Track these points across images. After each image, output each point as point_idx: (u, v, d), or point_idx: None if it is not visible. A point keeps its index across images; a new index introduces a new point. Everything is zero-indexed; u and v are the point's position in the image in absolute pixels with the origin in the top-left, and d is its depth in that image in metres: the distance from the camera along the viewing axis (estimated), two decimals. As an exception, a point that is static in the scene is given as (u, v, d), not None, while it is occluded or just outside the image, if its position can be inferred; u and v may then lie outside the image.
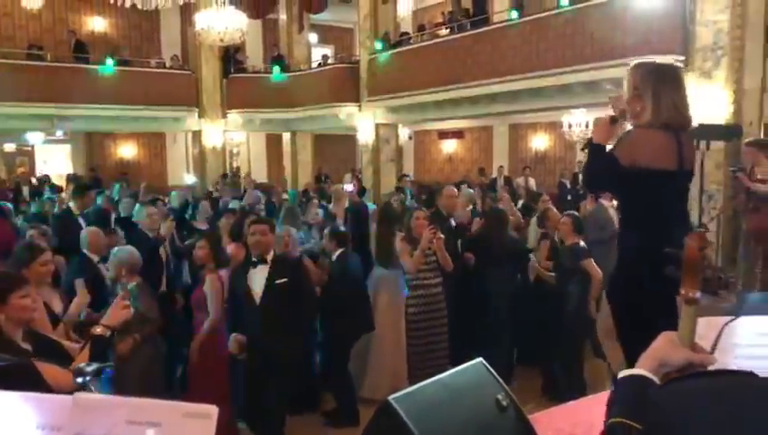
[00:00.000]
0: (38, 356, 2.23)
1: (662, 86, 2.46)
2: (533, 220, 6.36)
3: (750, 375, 0.94)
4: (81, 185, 7.93)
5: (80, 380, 2.02)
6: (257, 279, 3.82)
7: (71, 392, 1.14)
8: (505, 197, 8.06)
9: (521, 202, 10.37)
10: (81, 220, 6.17)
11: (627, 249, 2.58)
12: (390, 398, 1.54)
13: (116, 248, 4.15)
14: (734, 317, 1.27)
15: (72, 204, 6.59)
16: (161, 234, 5.54)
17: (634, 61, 2.75)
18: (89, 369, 2.03)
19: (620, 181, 2.50)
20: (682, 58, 8.22)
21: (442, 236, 4.66)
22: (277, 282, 3.77)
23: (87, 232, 4.65)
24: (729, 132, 7.34)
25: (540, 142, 15.80)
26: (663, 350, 1.13)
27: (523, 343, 5.32)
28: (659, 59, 8.19)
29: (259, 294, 3.78)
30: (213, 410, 0.85)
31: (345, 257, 4.67)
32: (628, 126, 2.59)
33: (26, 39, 15.20)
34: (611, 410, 1.03)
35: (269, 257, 3.87)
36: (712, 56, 7.86)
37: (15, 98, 12.53)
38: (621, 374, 1.14)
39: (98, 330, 2.44)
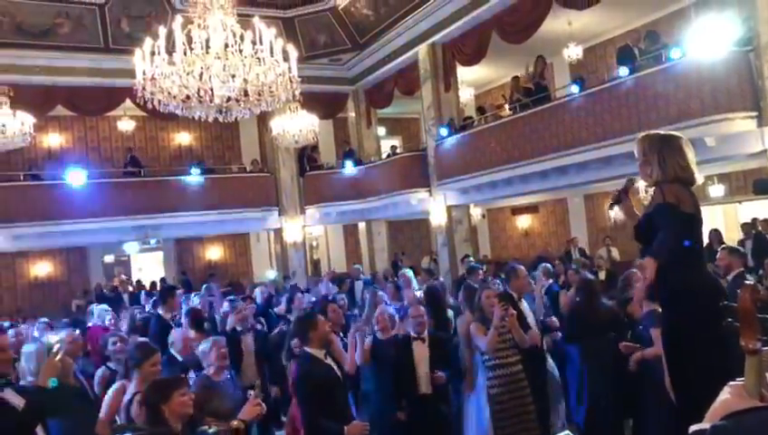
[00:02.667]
0: None
1: (667, 150, 2.90)
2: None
3: None
4: (165, 289, 8.38)
5: None
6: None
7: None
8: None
9: (602, 272, 10.18)
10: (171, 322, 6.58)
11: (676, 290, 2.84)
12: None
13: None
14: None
15: (159, 309, 7.02)
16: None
17: (642, 133, 3.16)
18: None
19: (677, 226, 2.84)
20: (755, 114, 8.08)
21: (514, 312, 4.64)
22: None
23: (174, 333, 5.00)
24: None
25: (618, 213, 15.43)
26: (731, 402, 1.16)
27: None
28: (729, 117, 8.12)
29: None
30: None
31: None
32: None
33: (122, 158, 16.70)
34: None
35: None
36: (786, 109, 7.70)
37: (115, 213, 13.64)
38: (693, 429, 1.18)
39: (234, 423, 2.95)
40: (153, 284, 15.14)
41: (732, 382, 1.23)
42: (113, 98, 13.79)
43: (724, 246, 7.25)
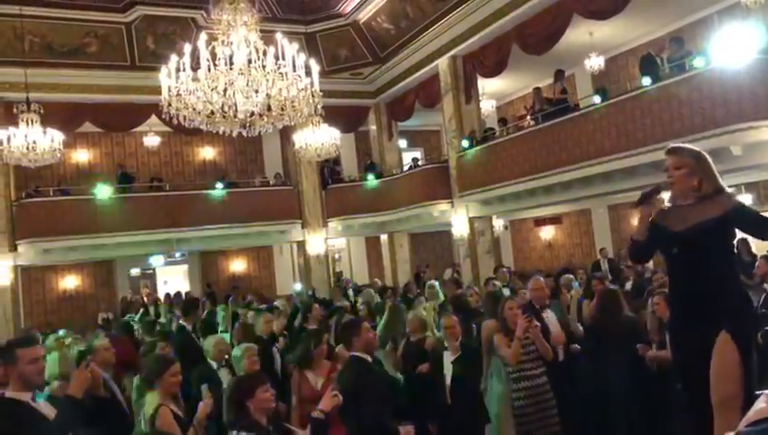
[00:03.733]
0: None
1: (710, 164, 3.09)
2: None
3: None
4: (188, 301, 8.46)
5: None
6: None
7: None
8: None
9: (629, 283, 10.03)
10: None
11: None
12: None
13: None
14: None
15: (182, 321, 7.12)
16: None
17: (672, 144, 3.32)
18: None
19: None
20: (781, 122, 7.96)
21: (538, 323, 4.62)
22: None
23: (209, 342, 5.07)
24: None
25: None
26: (766, 410, 1.15)
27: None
28: (755, 125, 8.01)
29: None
30: None
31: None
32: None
33: (148, 173, 16.98)
34: None
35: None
36: (814, 115, 7.57)
37: (141, 226, 13.87)
38: (727, 436, 1.16)
39: (315, 413, 3.24)
40: (178, 294, 15.29)
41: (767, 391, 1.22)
42: (139, 114, 14.04)
43: (763, 254, 7.15)
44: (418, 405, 4.76)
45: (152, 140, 16.40)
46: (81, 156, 16.86)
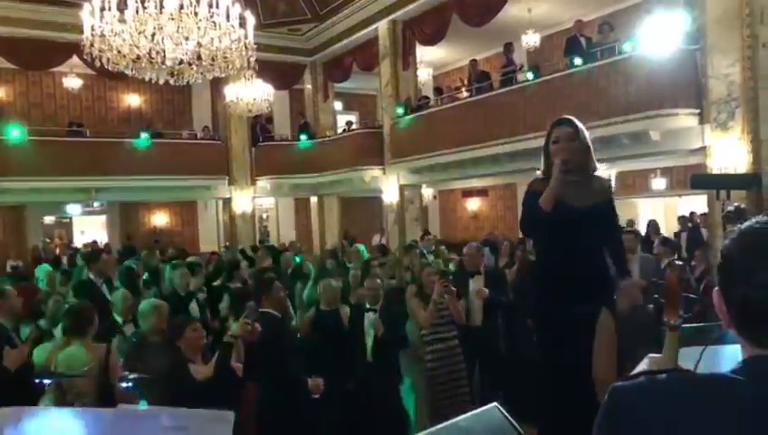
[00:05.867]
0: None
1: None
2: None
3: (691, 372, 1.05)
4: (93, 251, 8.17)
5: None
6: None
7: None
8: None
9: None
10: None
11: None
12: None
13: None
14: (714, 343, 1.39)
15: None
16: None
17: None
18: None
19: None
20: (697, 111, 8.38)
21: (453, 289, 4.74)
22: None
23: (116, 296, 4.95)
24: (748, 181, 7.41)
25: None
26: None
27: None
28: (674, 112, 8.40)
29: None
30: (230, 415, 0.99)
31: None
32: None
33: (67, 117, 16.07)
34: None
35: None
36: (726, 108, 8.00)
37: (57, 172, 13.17)
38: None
39: (226, 338, 3.58)
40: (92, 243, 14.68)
41: (651, 355, 1.31)
42: (59, 53, 13.21)
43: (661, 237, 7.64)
44: (335, 363, 4.81)
45: (73, 82, 15.48)
46: (-8, 93, 15.75)
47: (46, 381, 2.87)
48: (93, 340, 3.61)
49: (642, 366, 1.26)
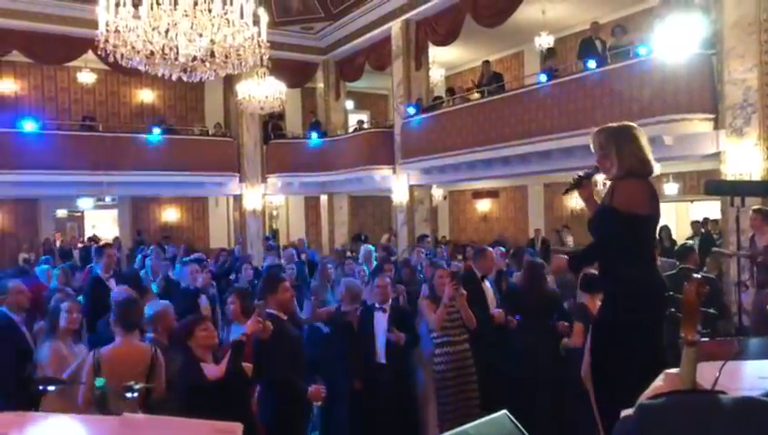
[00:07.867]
0: None
1: (622, 141, 2.88)
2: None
3: (719, 394, 1.03)
4: (100, 246, 8.12)
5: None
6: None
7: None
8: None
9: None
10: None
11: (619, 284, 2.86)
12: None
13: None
14: (734, 358, 1.36)
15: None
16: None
17: (595, 127, 3.14)
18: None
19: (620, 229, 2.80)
20: (712, 116, 8.30)
21: (464, 292, 4.69)
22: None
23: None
24: (764, 188, 7.31)
25: (576, 200, 15.79)
26: (662, 388, 1.21)
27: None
28: (688, 117, 8.32)
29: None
30: (238, 427, 0.97)
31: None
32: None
33: (81, 111, 16.16)
34: None
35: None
36: (742, 114, 7.91)
37: (70, 166, 13.26)
38: (624, 414, 1.22)
39: (239, 337, 3.54)
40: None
41: (667, 371, 1.28)
42: (74, 47, 13.28)
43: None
44: (346, 362, 4.80)
45: (87, 77, 15.57)
46: (7, 86, 15.85)
47: (50, 388, 2.86)
48: (99, 343, 3.65)
49: (658, 382, 1.23)
